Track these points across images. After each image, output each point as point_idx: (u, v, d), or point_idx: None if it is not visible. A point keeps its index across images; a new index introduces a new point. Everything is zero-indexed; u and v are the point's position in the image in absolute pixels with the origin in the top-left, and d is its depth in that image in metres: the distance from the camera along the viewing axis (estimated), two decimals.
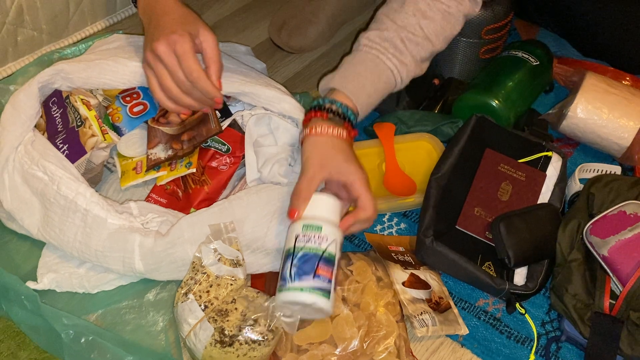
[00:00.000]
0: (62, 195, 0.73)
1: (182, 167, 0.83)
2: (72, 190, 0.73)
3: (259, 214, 0.74)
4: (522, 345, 0.75)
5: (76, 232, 0.73)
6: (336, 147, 0.73)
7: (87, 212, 0.72)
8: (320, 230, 0.68)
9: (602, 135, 0.94)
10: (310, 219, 0.69)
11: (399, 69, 0.82)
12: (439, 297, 0.77)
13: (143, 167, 0.84)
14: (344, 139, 0.74)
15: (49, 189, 0.74)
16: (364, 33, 0.83)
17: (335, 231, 0.69)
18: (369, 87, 0.80)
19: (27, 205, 0.76)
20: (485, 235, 0.80)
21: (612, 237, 0.73)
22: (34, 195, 0.75)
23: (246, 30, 1.19)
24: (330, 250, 0.68)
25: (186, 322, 0.68)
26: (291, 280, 0.66)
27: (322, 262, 0.67)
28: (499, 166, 0.86)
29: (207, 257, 0.70)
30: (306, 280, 0.66)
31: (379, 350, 0.69)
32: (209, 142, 0.84)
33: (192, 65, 0.71)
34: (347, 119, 0.76)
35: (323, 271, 0.66)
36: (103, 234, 0.72)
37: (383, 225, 0.88)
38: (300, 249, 0.67)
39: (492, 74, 0.98)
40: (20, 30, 1.01)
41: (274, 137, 0.83)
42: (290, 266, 0.67)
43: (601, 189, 0.80)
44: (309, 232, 0.68)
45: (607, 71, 1.03)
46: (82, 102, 0.82)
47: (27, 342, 0.72)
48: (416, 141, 0.94)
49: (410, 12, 0.82)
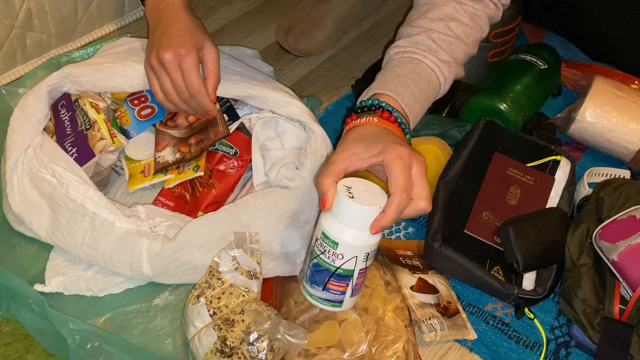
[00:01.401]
0: (70, 199, 0.73)
1: (189, 170, 0.83)
2: (81, 194, 0.73)
3: (265, 219, 0.74)
4: (531, 350, 0.75)
5: (84, 236, 0.73)
6: (380, 131, 0.65)
7: (95, 215, 0.72)
8: (336, 248, 0.61)
9: (611, 139, 0.93)
10: (330, 229, 0.61)
11: (439, 66, 0.75)
12: (447, 301, 0.77)
13: (151, 170, 0.84)
14: (390, 128, 0.66)
15: (57, 192, 0.74)
16: (392, 45, 0.78)
17: (358, 246, 0.61)
18: (413, 86, 0.72)
19: (35, 208, 0.76)
20: (493, 239, 0.80)
21: (622, 241, 0.73)
22: (43, 198, 0.75)
23: (253, 33, 1.19)
24: (347, 267, 0.62)
25: (193, 324, 0.68)
26: (306, 279, 0.66)
27: (335, 278, 0.63)
28: (508, 170, 0.85)
29: (224, 264, 0.70)
30: (316, 290, 0.65)
31: (387, 355, 0.69)
32: (217, 145, 0.84)
33: (195, 82, 0.76)
34: (395, 117, 0.68)
35: (335, 285, 0.64)
36: (111, 237, 0.72)
37: (391, 229, 0.87)
38: (315, 255, 0.64)
39: (500, 77, 0.98)
40: (29, 33, 1.01)
41: (281, 141, 0.83)
42: (307, 265, 0.66)
43: (610, 193, 0.79)
44: (325, 244, 0.62)
45: (615, 75, 1.02)
46: (91, 105, 0.82)
47: (35, 345, 0.72)
48: (424, 145, 0.94)
49: (437, 16, 0.77)
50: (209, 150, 0.84)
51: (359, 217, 0.60)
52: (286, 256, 0.75)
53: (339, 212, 0.61)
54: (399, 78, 0.72)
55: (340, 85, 1.10)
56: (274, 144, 0.83)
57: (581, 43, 1.11)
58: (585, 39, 1.09)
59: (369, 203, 0.60)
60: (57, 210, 0.74)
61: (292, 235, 0.75)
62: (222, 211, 0.74)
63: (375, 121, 0.67)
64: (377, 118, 0.67)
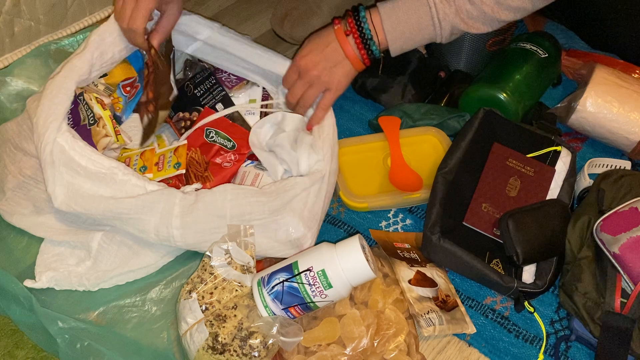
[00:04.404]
0: (98, 168, 0.72)
1: (170, 167, 0.81)
2: (111, 163, 0.72)
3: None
4: (530, 344, 0.74)
5: (108, 197, 0.71)
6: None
7: (125, 182, 0.71)
8: (327, 289, 0.65)
9: (612, 130, 0.92)
10: (333, 275, 0.65)
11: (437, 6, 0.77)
12: (446, 295, 0.76)
13: (131, 163, 0.83)
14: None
15: (87, 165, 0.72)
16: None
17: (340, 296, 0.66)
18: (403, 15, 0.78)
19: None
20: (493, 231, 0.79)
21: (623, 234, 0.72)
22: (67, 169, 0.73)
23: (248, 21, 1.17)
24: (319, 305, 0.67)
25: (185, 320, 0.67)
26: (268, 290, 0.66)
27: (302, 307, 0.66)
28: (507, 161, 0.84)
29: (217, 258, 0.69)
30: (275, 305, 0.66)
31: (389, 348, 0.68)
32: (215, 138, 0.83)
33: (136, 19, 0.78)
34: (366, 46, 0.80)
35: (296, 312, 0.67)
36: (140, 194, 0.71)
37: (388, 222, 0.86)
38: (299, 282, 0.65)
39: (500, 66, 0.96)
40: (17, 20, 0.98)
41: (282, 130, 0.82)
42: (281, 282, 0.66)
43: (611, 185, 0.78)
44: (319, 281, 0.65)
45: (617, 64, 1.01)
46: (96, 100, 0.81)
47: (25, 341, 0.71)
48: (422, 135, 0.93)
49: None
50: (206, 142, 0.83)
51: (363, 278, 0.66)
52: (291, 243, 0.75)
53: (351, 267, 0.66)
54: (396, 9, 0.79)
55: None
56: (278, 139, 0.82)
57: (581, 31, 1.09)
58: (586, 27, 1.07)
59: (374, 270, 0.67)
60: (77, 177, 0.72)
61: (294, 221, 0.74)
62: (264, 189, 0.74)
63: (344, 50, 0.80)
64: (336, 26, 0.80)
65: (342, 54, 0.81)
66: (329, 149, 0.79)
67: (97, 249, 0.74)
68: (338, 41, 0.81)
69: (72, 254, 0.75)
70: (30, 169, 0.81)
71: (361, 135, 0.94)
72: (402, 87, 0.99)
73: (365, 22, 0.80)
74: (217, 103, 0.88)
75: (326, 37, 0.82)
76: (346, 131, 0.98)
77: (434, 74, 1.02)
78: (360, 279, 0.67)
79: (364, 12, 0.80)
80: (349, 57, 0.81)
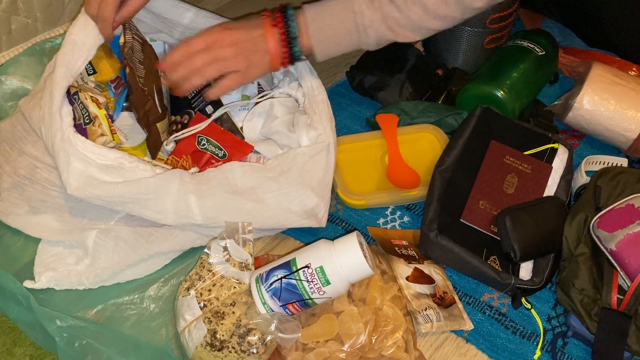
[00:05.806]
0: (103, 161, 0.72)
1: None
2: (115, 154, 0.72)
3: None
4: (527, 340, 0.74)
5: (121, 180, 0.71)
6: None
7: (133, 168, 0.71)
8: (325, 286, 0.65)
9: (609, 127, 0.92)
10: (332, 272, 0.65)
11: (364, 14, 0.75)
12: (444, 291, 0.76)
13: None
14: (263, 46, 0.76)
15: (94, 158, 0.72)
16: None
17: (338, 292, 0.67)
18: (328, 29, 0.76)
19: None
20: (490, 228, 0.79)
21: (619, 230, 0.72)
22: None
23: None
24: (317, 301, 0.67)
25: (183, 317, 0.67)
26: (267, 287, 0.66)
27: (300, 304, 0.66)
28: (505, 158, 0.84)
29: (215, 255, 0.69)
30: (273, 302, 0.66)
31: (387, 344, 0.68)
32: (206, 145, 0.83)
33: (103, 7, 0.75)
34: (289, 44, 0.77)
35: (294, 309, 0.67)
36: (150, 177, 0.71)
37: (386, 219, 0.86)
38: (297, 279, 0.65)
39: (497, 64, 0.96)
40: (14, 18, 0.98)
41: (275, 116, 0.83)
42: (279, 278, 0.66)
43: (608, 182, 0.79)
44: (317, 278, 0.65)
45: (613, 62, 1.01)
46: (91, 99, 0.81)
47: (23, 339, 0.71)
48: (420, 132, 0.93)
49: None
50: (198, 150, 0.83)
51: (361, 275, 0.66)
52: (306, 213, 0.76)
53: (349, 264, 0.65)
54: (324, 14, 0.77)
55: (335, 72, 1.09)
56: (273, 126, 0.83)
57: (578, 29, 1.09)
58: (583, 25, 1.08)
59: (372, 267, 0.66)
60: (89, 167, 0.72)
61: (306, 192, 0.75)
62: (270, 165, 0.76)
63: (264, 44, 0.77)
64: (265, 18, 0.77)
65: (265, 46, 0.76)
66: (328, 123, 0.79)
67: (93, 246, 0.74)
68: (264, 32, 0.76)
69: (71, 253, 0.74)
70: (25, 169, 0.80)
71: (359, 133, 0.95)
72: (399, 84, 0.99)
73: (292, 21, 0.76)
74: (206, 105, 0.88)
75: (255, 23, 0.77)
76: (344, 129, 0.98)
77: (431, 71, 1.02)
78: (358, 276, 0.67)
79: (292, 10, 0.77)
80: (270, 51, 0.76)
